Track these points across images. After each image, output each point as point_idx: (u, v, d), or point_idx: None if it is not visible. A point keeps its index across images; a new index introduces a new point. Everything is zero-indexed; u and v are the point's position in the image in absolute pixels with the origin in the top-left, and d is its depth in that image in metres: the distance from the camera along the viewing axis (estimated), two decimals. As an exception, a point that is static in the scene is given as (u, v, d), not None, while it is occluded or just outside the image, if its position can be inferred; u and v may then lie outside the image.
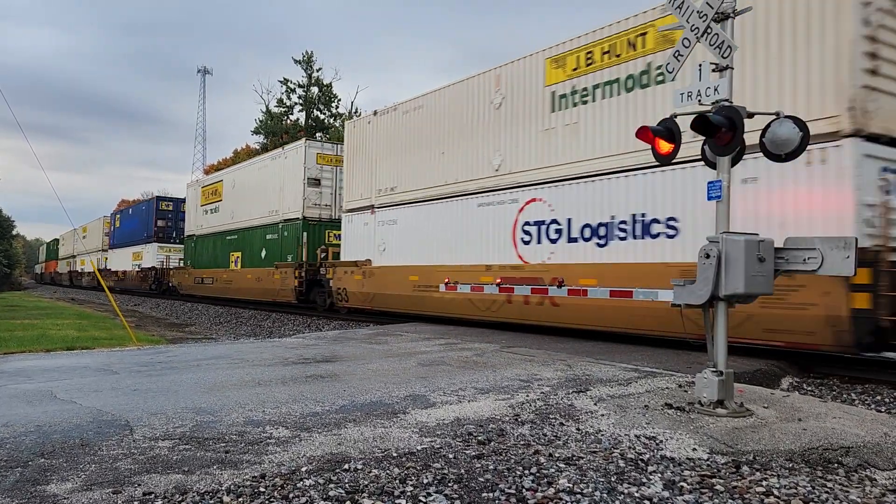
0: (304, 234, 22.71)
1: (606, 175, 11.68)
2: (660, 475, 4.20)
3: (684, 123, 5.94)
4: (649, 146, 6.25)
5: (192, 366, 8.41)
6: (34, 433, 4.85)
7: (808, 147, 6.41)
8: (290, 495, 3.70)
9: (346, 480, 3.95)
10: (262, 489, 3.78)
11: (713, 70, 5.93)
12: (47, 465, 4.14)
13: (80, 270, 60.68)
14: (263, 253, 25.39)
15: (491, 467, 4.26)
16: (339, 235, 20.51)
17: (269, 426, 5.18)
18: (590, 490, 3.89)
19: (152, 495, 3.65)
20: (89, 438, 4.73)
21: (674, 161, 6.49)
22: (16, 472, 3.97)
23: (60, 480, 3.86)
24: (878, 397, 7.91)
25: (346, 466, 4.20)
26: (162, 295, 41.00)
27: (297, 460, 4.32)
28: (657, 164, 7.51)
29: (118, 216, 50.75)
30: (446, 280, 15.34)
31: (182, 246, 38.63)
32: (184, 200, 39.77)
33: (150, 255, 41.69)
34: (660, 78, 10.84)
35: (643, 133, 6.18)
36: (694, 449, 4.78)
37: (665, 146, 6.17)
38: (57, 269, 77.49)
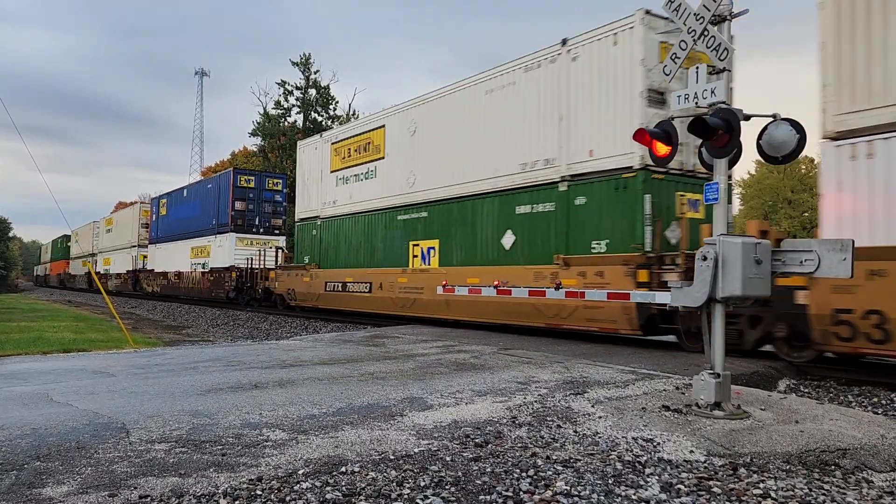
0: (647, 196, 11.49)
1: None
2: (657, 477, 4.20)
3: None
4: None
5: (188, 368, 8.39)
6: (30, 436, 4.84)
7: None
8: (287, 498, 3.69)
9: (343, 483, 3.94)
10: (258, 492, 3.77)
11: (709, 73, 5.94)
12: (43, 468, 4.12)
13: (103, 272, 50.56)
14: (510, 239, 14.16)
15: (488, 470, 4.25)
16: (694, 201, 12.03)
17: (266, 429, 5.17)
18: (587, 492, 3.89)
19: (148, 498, 3.64)
20: (85, 441, 4.72)
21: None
22: (11, 476, 3.96)
23: (56, 483, 3.84)
24: (875, 399, 7.92)
25: (343, 469, 4.20)
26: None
27: (294, 463, 4.31)
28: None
29: (165, 200, 39.16)
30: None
31: (280, 238, 30.86)
32: (273, 176, 32.18)
33: (226, 251, 30.34)
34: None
35: (640, 136, 6.19)
36: (691, 451, 4.78)
37: (662, 148, 6.18)
38: (68, 270, 65.83)
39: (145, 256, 42.56)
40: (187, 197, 36.02)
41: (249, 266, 28.35)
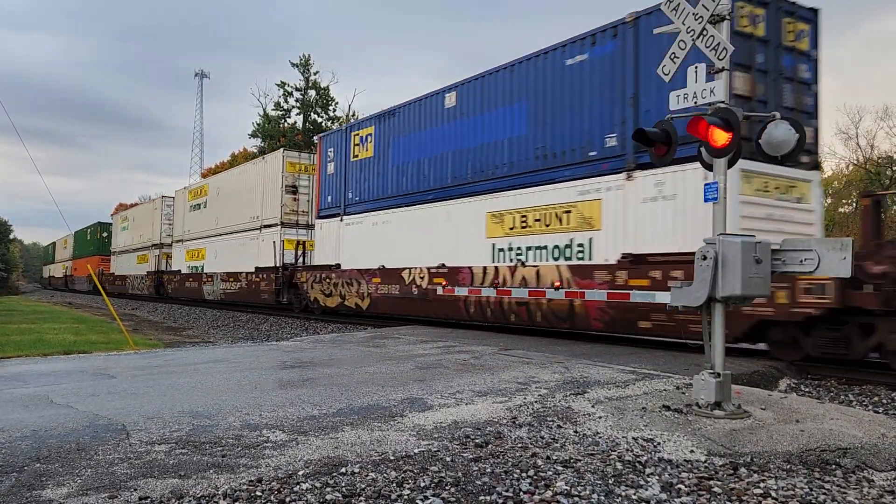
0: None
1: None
2: (657, 477, 4.19)
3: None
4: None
5: (188, 370, 8.39)
6: (30, 438, 4.83)
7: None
8: (287, 499, 3.69)
9: (343, 484, 3.94)
10: (258, 493, 3.77)
11: (709, 72, 5.94)
12: (43, 469, 4.12)
13: (170, 269, 36.98)
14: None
15: (488, 470, 4.25)
16: None
17: (266, 430, 5.17)
18: (587, 492, 3.89)
19: (148, 500, 3.64)
20: (85, 443, 4.72)
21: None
22: (11, 478, 3.96)
23: (56, 485, 3.84)
24: (876, 398, 7.91)
25: (343, 470, 4.19)
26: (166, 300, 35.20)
27: (294, 464, 4.31)
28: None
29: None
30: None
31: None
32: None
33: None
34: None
35: (639, 135, 6.19)
36: (692, 451, 4.78)
37: (661, 148, 6.18)
38: (105, 269, 51.57)
39: (312, 247, 32.19)
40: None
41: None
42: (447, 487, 3.92)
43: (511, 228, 13.77)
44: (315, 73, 56.46)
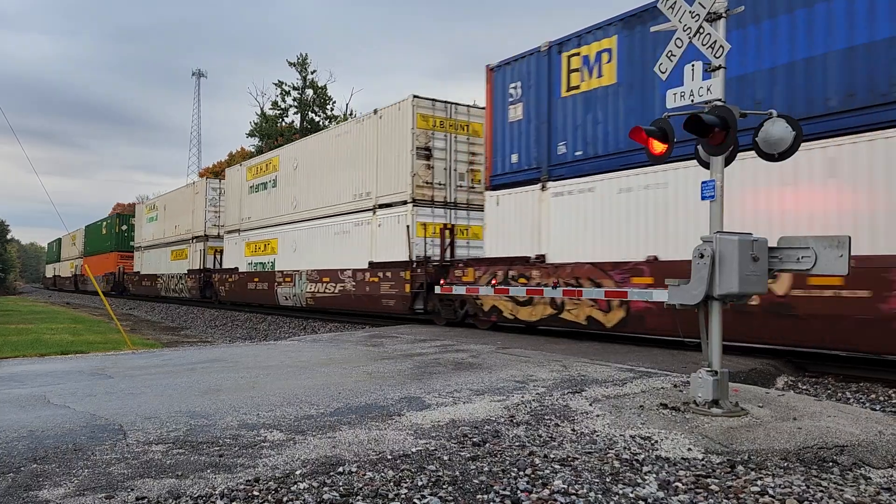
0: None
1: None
2: (655, 475, 4.19)
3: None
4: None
5: (186, 369, 8.38)
6: (27, 438, 4.83)
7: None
8: (284, 499, 3.69)
9: (341, 483, 3.93)
10: (255, 493, 3.76)
11: (705, 70, 5.94)
12: (40, 470, 4.12)
13: (222, 267, 29.65)
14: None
15: (486, 469, 4.25)
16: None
17: (264, 429, 5.17)
18: (584, 491, 3.89)
19: (145, 500, 3.63)
20: (82, 443, 4.71)
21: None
22: (8, 478, 3.95)
23: (53, 486, 3.84)
24: (873, 395, 7.92)
25: (341, 469, 4.19)
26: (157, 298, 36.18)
27: (292, 463, 4.30)
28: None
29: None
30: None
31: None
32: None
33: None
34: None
35: (636, 133, 6.18)
36: (689, 449, 4.78)
37: (658, 146, 6.18)
38: (126, 268, 45.34)
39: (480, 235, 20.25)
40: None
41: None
42: (444, 486, 3.92)
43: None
44: (312, 73, 56.46)
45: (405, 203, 17.31)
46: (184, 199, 35.47)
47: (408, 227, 17.06)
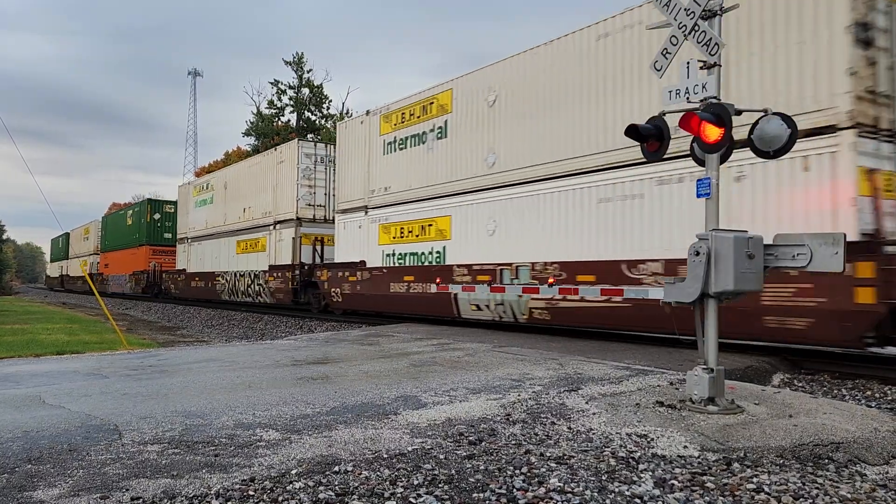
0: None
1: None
2: (651, 473, 4.19)
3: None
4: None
5: (182, 369, 8.36)
6: (21, 439, 4.81)
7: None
8: (280, 498, 3.68)
9: (336, 483, 3.93)
10: (251, 493, 3.75)
11: (701, 67, 5.94)
12: (34, 471, 4.10)
13: (332, 261, 20.62)
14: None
15: (482, 467, 4.24)
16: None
17: (260, 429, 5.15)
18: (580, 489, 3.88)
19: (140, 500, 3.62)
20: (77, 443, 4.69)
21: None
22: (2, 479, 3.93)
23: (48, 486, 3.82)
24: (869, 392, 7.94)
25: (337, 468, 4.18)
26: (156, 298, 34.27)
27: (287, 463, 4.29)
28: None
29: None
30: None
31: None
32: None
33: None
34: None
35: (631, 133, 6.18)
36: (685, 446, 4.78)
37: (653, 144, 6.18)
38: (163, 264, 37.74)
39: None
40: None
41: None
42: (440, 485, 3.92)
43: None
44: (308, 71, 56.43)
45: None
46: (260, 172, 26.46)
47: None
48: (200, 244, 32.10)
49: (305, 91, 56.34)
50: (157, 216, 40.62)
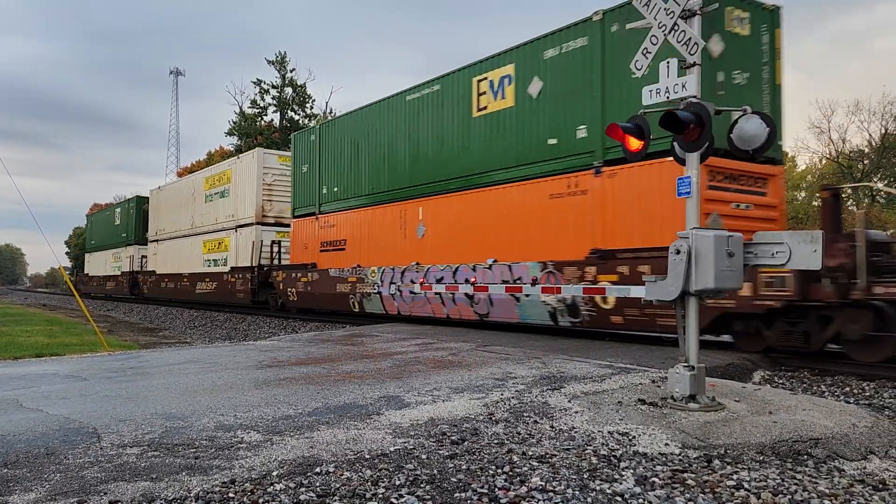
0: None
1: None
2: (632, 471, 4.21)
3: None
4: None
5: (163, 371, 8.29)
6: (-2, 443, 4.74)
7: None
8: (260, 500, 3.65)
9: (318, 484, 3.91)
10: (231, 495, 3.72)
11: (681, 67, 5.97)
12: (10, 475, 4.04)
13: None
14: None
15: (464, 467, 4.24)
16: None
17: (241, 430, 5.12)
18: (562, 488, 3.89)
19: (119, 503, 3.58)
20: (55, 447, 4.63)
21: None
22: (-23, 484, 3.87)
23: (23, 491, 3.77)
24: (847, 389, 8.03)
25: (318, 470, 4.16)
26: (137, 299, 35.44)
27: (268, 465, 4.26)
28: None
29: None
30: None
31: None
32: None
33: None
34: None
35: (613, 131, 6.20)
36: (666, 444, 4.81)
37: (635, 143, 6.20)
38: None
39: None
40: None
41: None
42: (422, 485, 3.91)
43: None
44: (291, 71, 56.12)
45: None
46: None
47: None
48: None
49: (289, 90, 56.04)
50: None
